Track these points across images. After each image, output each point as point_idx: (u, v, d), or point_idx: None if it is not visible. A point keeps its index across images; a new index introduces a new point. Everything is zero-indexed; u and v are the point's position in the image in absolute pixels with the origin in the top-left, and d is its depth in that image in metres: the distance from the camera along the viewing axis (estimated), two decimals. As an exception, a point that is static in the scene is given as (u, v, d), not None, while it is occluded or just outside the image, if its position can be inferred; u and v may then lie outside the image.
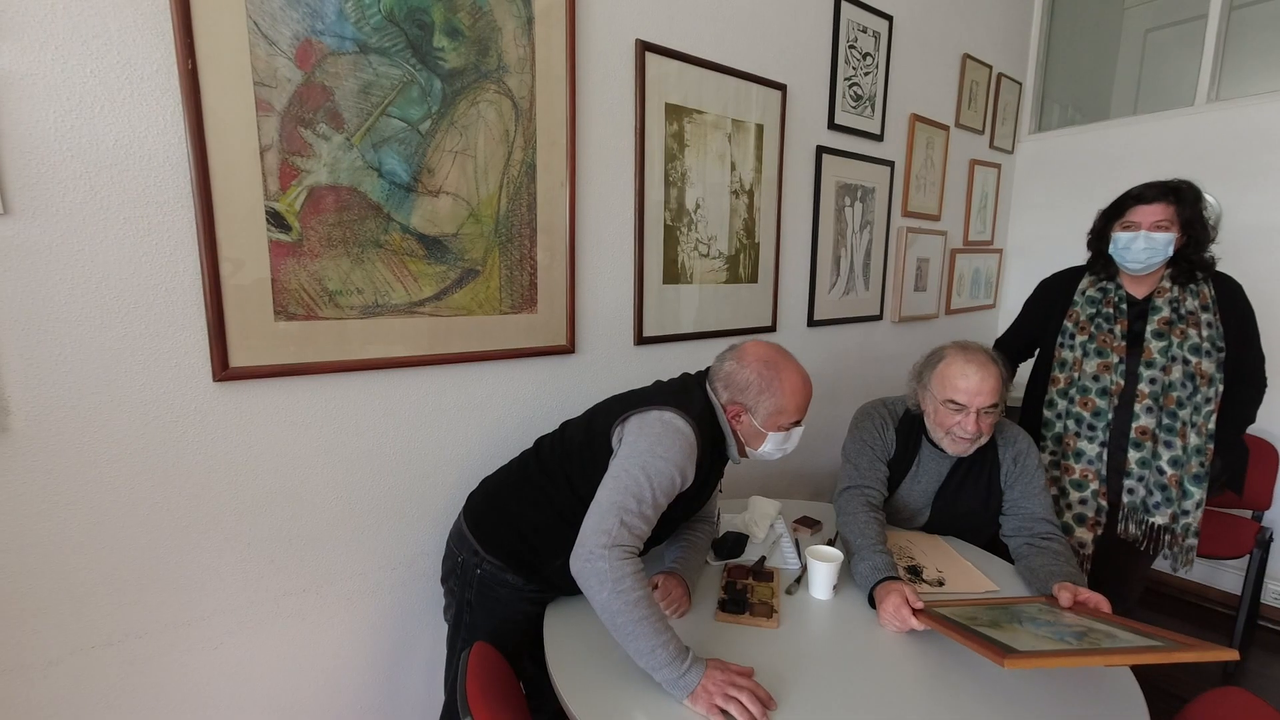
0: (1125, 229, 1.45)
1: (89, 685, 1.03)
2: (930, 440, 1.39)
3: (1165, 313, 1.44)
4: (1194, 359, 1.41)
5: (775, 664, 0.98)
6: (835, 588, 1.19)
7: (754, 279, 1.90)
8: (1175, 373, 1.42)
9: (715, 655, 0.96)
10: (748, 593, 1.18)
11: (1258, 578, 2.15)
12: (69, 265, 0.92)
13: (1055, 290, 1.64)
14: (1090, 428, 1.50)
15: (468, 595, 1.17)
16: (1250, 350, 1.46)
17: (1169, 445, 1.44)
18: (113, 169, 0.94)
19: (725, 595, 1.17)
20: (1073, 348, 1.54)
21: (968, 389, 1.27)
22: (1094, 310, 1.52)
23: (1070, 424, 1.54)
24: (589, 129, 1.45)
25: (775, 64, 1.83)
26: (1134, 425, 1.46)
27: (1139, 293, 1.50)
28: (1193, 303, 1.43)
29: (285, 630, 1.21)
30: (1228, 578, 2.46)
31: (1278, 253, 2.28)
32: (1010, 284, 3.12)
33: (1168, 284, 1.46)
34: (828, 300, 2.17)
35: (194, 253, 1.01)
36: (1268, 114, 2.28)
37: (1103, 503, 1.50)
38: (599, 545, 0.93)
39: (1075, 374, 1.53)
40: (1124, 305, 1.49)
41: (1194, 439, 1.43)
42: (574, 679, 0.95)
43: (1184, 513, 1.45)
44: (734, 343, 1.19)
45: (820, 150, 2.01)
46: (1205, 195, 2.33)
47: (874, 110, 2.18)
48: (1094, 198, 1.76)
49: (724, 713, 0.85)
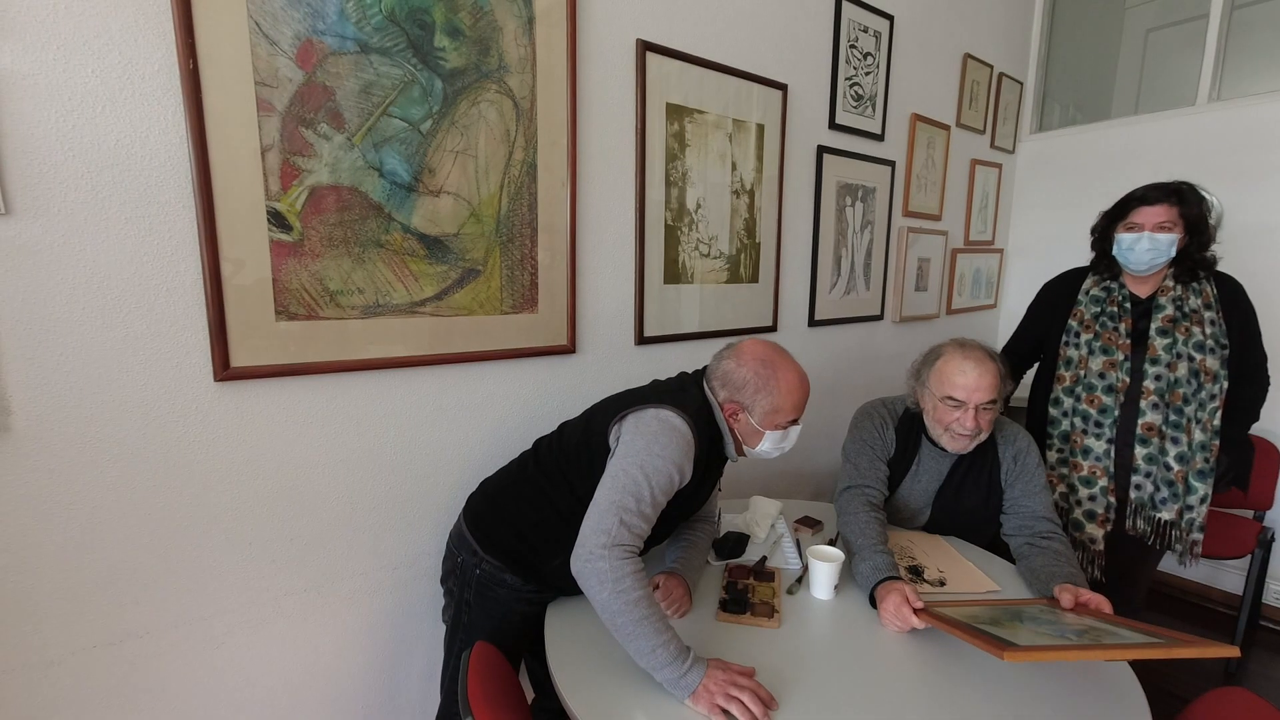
0: (1129, 230, 1.46)
1: (90, 685, 1.03)
2: (930, 439, 1.39)
3: (1169, 310, 1.45)
4: (1199, 356, 1.42)
5: (776, 664, 0.97)
6: (836, 588, 1.19)
7: (755, 279, 1.90)
8: (1181, 369, 1.43)
9: (716, 655, 0.96)
10: (749, 593, 1.18)
11: (1259, 578, 2.15)
12: (70, 265, 0.92)
13: (1059, 291, 1.66)
14: (1097, 425, 1.51)
15: (466, 595, 1.17)
16: (1252, 349, 1.48)
17: (1175, 441, 1.45)
18: (114, 169, 0.94)
19: (726, 595, 1.17)
20: (1078, 346, 1.55)
21: (965, 385, 1.28)
22: (1098, 309, 1.53)
23: (1077, 421, 1.54)
24: (590, 129, 1.45)
25: (776, 64, 1.83)
26: (1140, 422, 1.47)
27: (1142, 292, 1.51)
28: (1196, 301, 1.45)
29: (286, 630, 1.21)
30: (1229, 578, 2.45)
31: (1278, 252, 2.28)
32: (1011, 284, 3.12)
33: (1170, 283, 1.47)
34: (828, 300, 2.17)
35: (195, 252, 1.01)
36: (1269, 114, 2.28)
37: (1111, 499, 1.51)
38: (599, 545, 0.93)
39: (1081, 371, 1.54)
40: (1128, 304, 1.51)
41: (1199, 435, 1.44)
42: (575, 679, 0.95)
43: (1189, 508, 1.46)
44: (731, 341, 1.19)
45: (821, 150, 2.01)
46: (1206, 195, 2.34)
47: (875, 110, 2.18)
48: (1095, 197, 1.77)
49: (725, 712, 0.85)
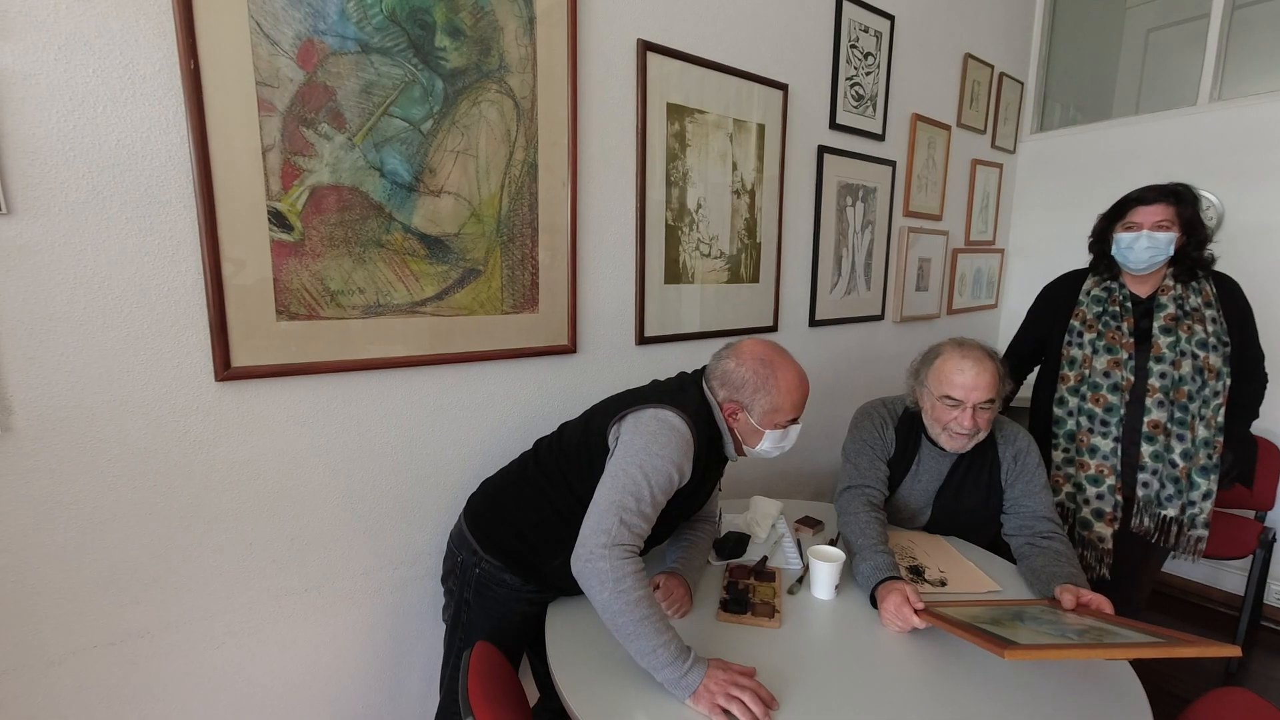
0: (1127, 230, 1.47)
1: (90, 685, 1.03)
2: (930, 439, 1.39)
3: (1171, 309, 1.46)
4: (1202, 353, 1.43)
5: (777, 664, 0.97)
6: (837, 588, 1.19)
7: (755, 279, 1.90)
8: (1184, 367, 1.44)
9: (717, 655, 0.96)
10: (749, 593, 1.18)
11: (1260, 578, 2.15)
12: (71, 265, 0.92)
13: (1059, 292, 1.66)
14: (1103, 423, 1.51)
15: (466, 594, 1.17)
16: (1250, 347, 1.49)
17: (1181, 438, 1.46)
18: (115, 169, 0.94)
19: (727, 595, 1.17)
20: (1081, 345, 1.55)
21: (964, 384, 1.28)
22: (1100, 309, 1.54)
23: (1083, 420, 1.55)
24: (590, 129, 1.45)
25: (776, 64, 1.83)
26: (1146, 420, 1.47)
27: (1142, 291, 1.51)
28: (1196, 300, 1.45)
29: (286, 630, 1.21)
30: (1230, 578, 2.45)
31: (1278, 252, 2.27)
32: (1012, 284, 3.12)
33: (1170, 282, 1.48)
34: (829, 300, 2.17)
35: (196, 252, 1.01)
36: (1270, 114, 2.27)
37: (1119, 497, 1.52)
38: (599, 545, 0.93)
39: (1085, 371, 1.54)
40: (1129, 304, 1.51)
41: (1202, 431, 1.45)
42: (575, 678, 0.95)
43: (1192, 503, 1.47)
44: (731, 341, 1.19)
45: (822, 150, 2.01)
46: (1206, 195, 2.34)
47: (875, 110, 2.18)
48: (1096, 197, 1.77)
49: (726, 712, 0.85)
